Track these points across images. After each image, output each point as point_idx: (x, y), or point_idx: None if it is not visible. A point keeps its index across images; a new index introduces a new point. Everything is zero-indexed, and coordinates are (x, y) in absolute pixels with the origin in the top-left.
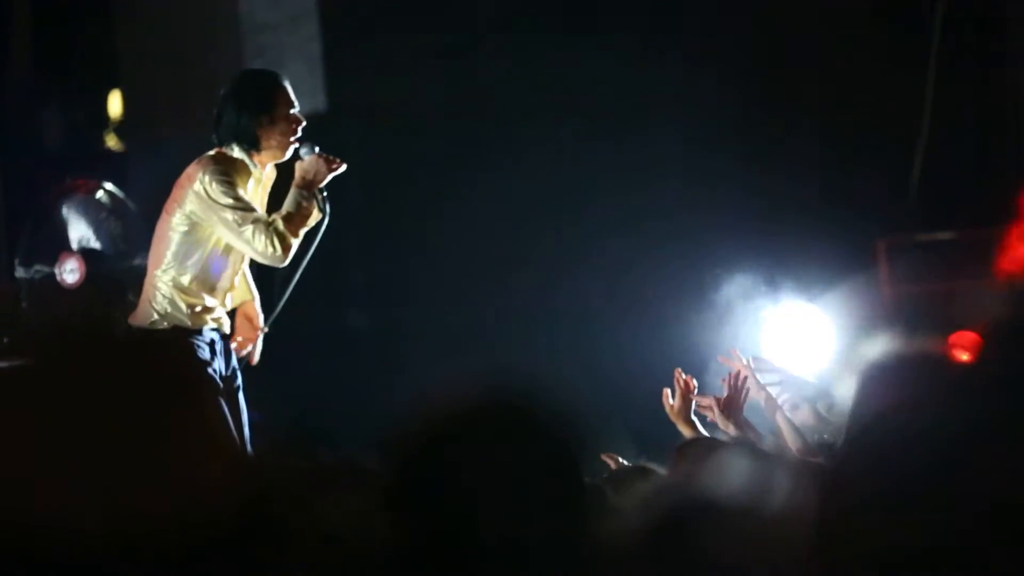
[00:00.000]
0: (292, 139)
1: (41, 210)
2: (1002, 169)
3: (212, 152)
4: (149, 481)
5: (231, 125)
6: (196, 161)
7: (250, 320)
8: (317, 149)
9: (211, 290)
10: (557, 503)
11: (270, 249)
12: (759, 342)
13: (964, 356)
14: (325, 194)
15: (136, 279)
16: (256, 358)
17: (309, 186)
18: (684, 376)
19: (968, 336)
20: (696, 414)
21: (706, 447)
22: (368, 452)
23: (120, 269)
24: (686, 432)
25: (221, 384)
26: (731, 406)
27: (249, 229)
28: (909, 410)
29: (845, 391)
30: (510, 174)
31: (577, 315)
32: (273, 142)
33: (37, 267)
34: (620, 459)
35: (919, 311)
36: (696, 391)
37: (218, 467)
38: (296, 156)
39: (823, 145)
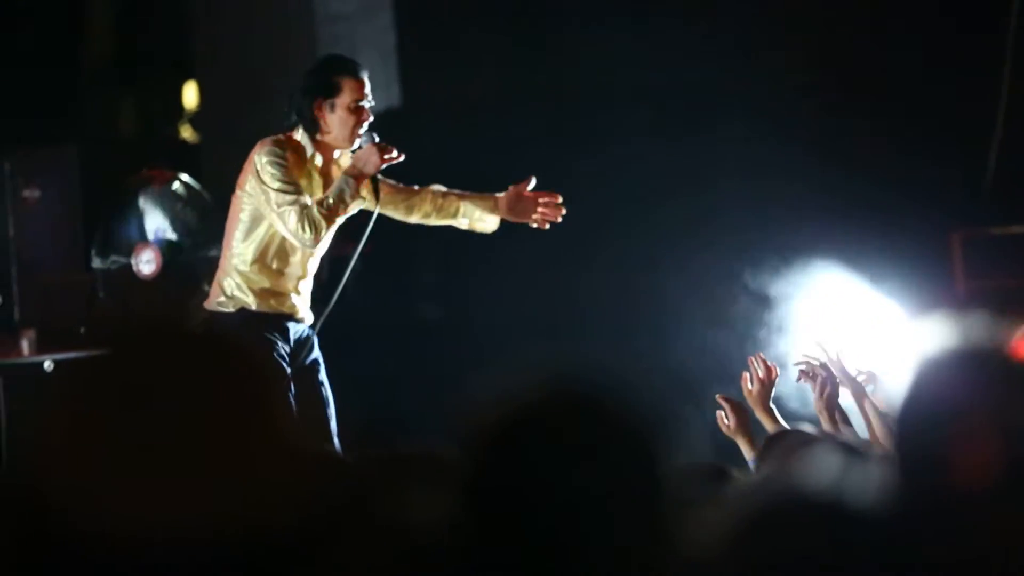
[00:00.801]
0: (354, 130)
1: (117, 201)
2: None
3: (278, 135)
4: (217, 472)
5: (295, 107)
6: (260, 142)
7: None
8: (376, 138)
9: (277, 275)
10: (635, 497)
11: (300, 231)
12: (832, 336)
13: None
14: (377, 188)
15: (211, 269)
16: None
17: (357, 175)
18: (764, 360)
19: None
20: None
21: (798, 441)
22: (444, 443)
23: (195, 260)
24: (764, 420)
25: (289, 370)
26: (828, 397)
27: (286, 209)
28: (967, 406)
29: (905, 383)
30: (582, 167)
31: (650, 308)
32: (334, 129)
33: (113, 258)
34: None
35: (993, 305)
36: (777, 377)
37: (283, 457)
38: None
39: (896, 135)
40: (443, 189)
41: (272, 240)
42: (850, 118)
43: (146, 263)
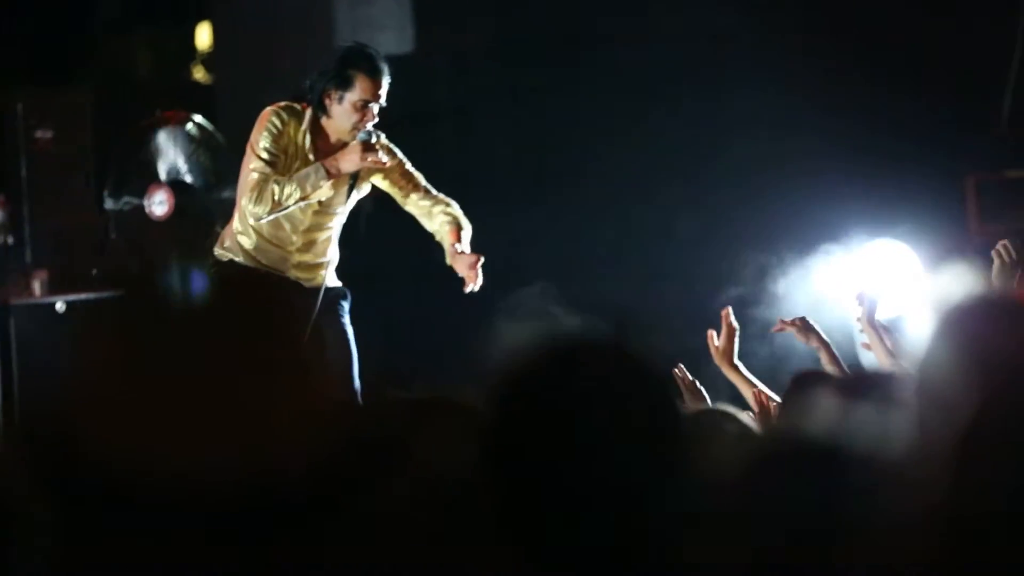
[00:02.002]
0: (354, 125)
1: (131, 142)
2: None
3: (295, 104)
4: (233, 416)
5: (311, 82)
6: (273, 104)
7: (459, 258)
8: (374, 139)
9: (267, 241)
10: (656, 438)
11: (250, 200)
12: (846, 282)
13: None
14: (354, 185)
15: (225, 212)
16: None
17: (331, 167)
18: (728, 316)
19: None
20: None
21: (823, 383)
22: (463, 388)
23: (209, 202)
24: (730, 376)
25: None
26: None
27: (251, 175)
28: (987, 353)
29: (923, 329)
30: (603, 120)
31: (670, 255)
32: (336, 119)
33: (126, 199)
34: (691, 379)
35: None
36: (738, 332)
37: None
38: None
39: (909, 81)
40: (452, 215)
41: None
42: (861, 65)
43: (159, 204)
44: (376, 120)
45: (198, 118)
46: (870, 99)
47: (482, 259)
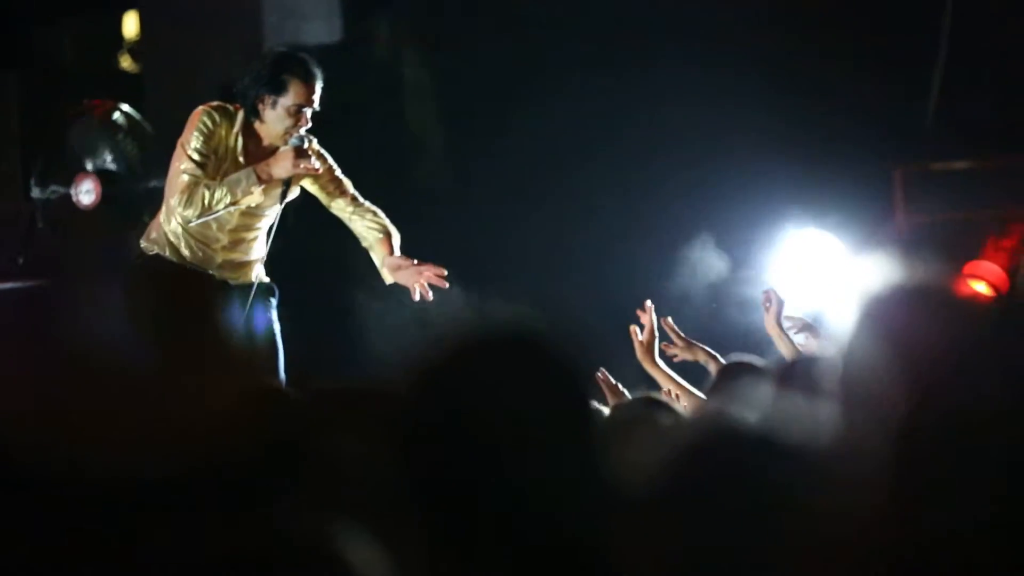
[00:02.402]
0: (289, 131)
1: (57, 130)
2: (1022, 96)
3: (228, 105)
4: (153, 406)
5: (242, 86)
6: (205, 105)
7: (399, 270)
8: (307, 143)
9: (195, 239)
10: (567, 431)
11: (178, 201)
12: (772, 271)
13: (978, 286)
14: (287, 191)
15: (151, 201)
16: (427, 294)
17: (262, 172)
18: (649, 312)
19: (983, 266)
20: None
21: (747, 374)
22: (383, 378)
23: (135, 190)
24: (652, 372)
25: (215, 316)
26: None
27: (180, 177)
28: (912, 344)
29: (848, 319)
30: (536, 109)
31: (587, 245)
32: (269, 124)
33: (53, 187)
34: (615, 382)
35: (935, 240)
36: (653, 324)
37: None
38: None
39: (838, 70)
40: (379, 224)
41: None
42: (790, 60)
43: (85, 193)
44: (309, 125)
45: (125, 107)
46: (799, 93)
47: (415, 262)
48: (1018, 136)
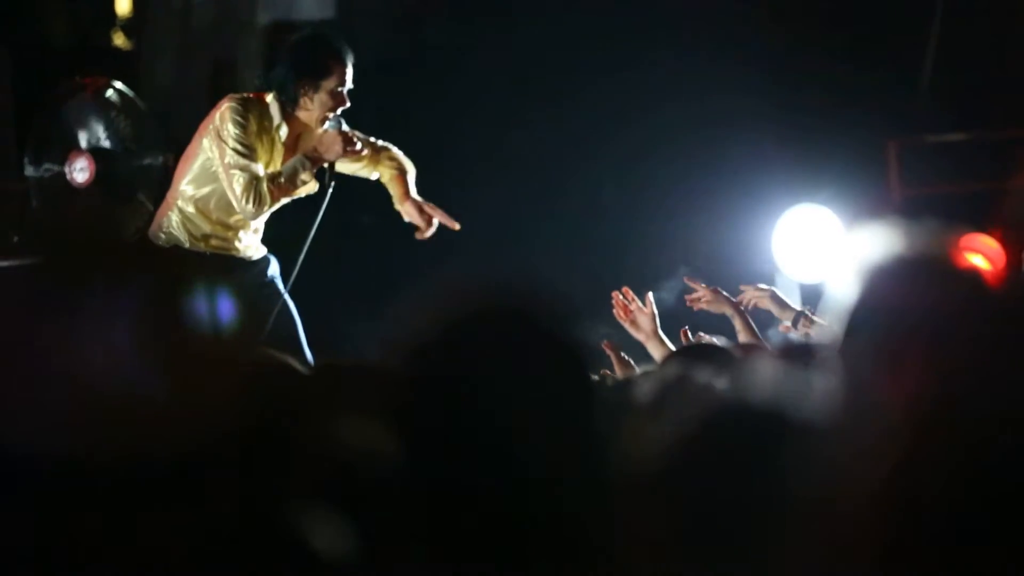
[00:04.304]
0: (328, 113)
1: (51, 108)
2: (1018, 67)
3: (248, 94)
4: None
5: (278, 76)
6: (228, 97)
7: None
8: (344, 126)
9: (217, 224)
10: (568, 407)
11: (244, 201)
12: (769, 246)
13: (974, 258)
14: (333, 170)
15: (146, 179)
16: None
17: (315, 159)
18: (625, 296)
19: (979, 240)
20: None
21: (716, 355)
22: (380, 355)
23: (130, 169)
24: (656, 349)
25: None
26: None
27: (236, 174)
28: (913, 315)
29: (846, 292)
30: (530, 86)
31: (584, 219)
32: (310, 109)
33: (47, 165)
34: (622, 354)
35: (930, 213)
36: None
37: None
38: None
39: (832, 42)
40: (395, 160)
41: (217, 194)
42: (784, 34)
43: (80, 171)
44: (348, 104)
45: (119, 84)
46: (793, 66)
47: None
48: (1013, 108)
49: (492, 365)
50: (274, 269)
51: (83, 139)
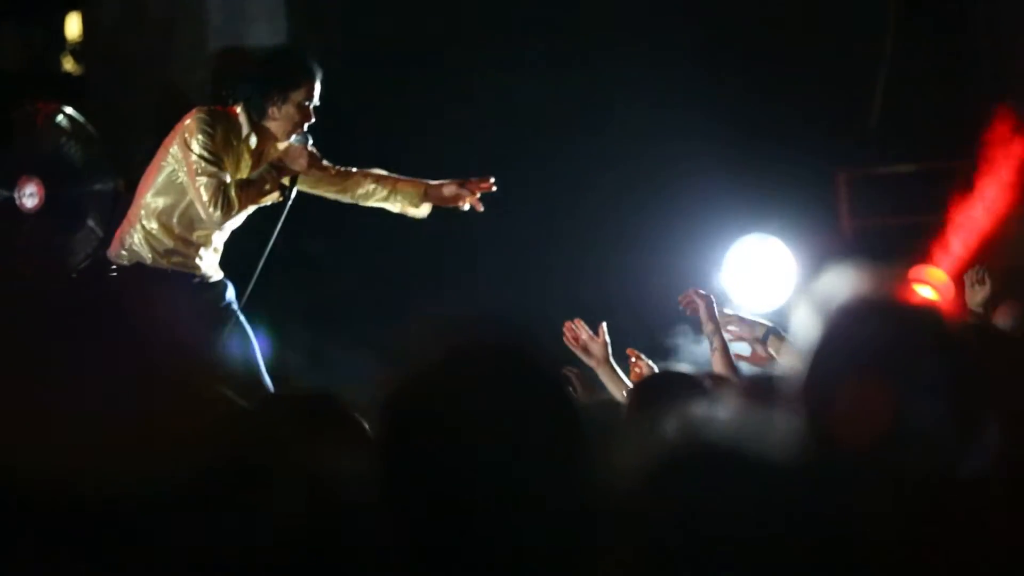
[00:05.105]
0: (295, 127)
1: (0, 133)
2: (966, 100)
3: (214, 106)
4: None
5: (247, 88)
6: (196, 108)
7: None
8: (311, 143)
9: (179, 240)
10: (549, 440)
11: (212, 206)
12: (718, 274)
13: (924, 290)
14: (295, 183)
15: (96, 205)
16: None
17: (281, 168)
18: (577, 326)
19: (927, 271)
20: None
21: (683, 385)
22: (359, 391)
23: (80, 194)
24: (608, 379)
25: (192, 321)
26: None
27: (204, 180)
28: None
29: (797, 326)
30: (485, 124)
31: (534, 250)
32: (277, 121)
33: None
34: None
35: (879, 245)
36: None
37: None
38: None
39: (783, 74)
40: (380, 173)
41: (180, 206)
42: (735, 65)
43: (29, 196)
44: (314, 120)
45: (69, 109)
46: (744, 98)
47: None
48: (961, 140)
49: (469, 399)
50: (231, 294)
51: (33, 164)
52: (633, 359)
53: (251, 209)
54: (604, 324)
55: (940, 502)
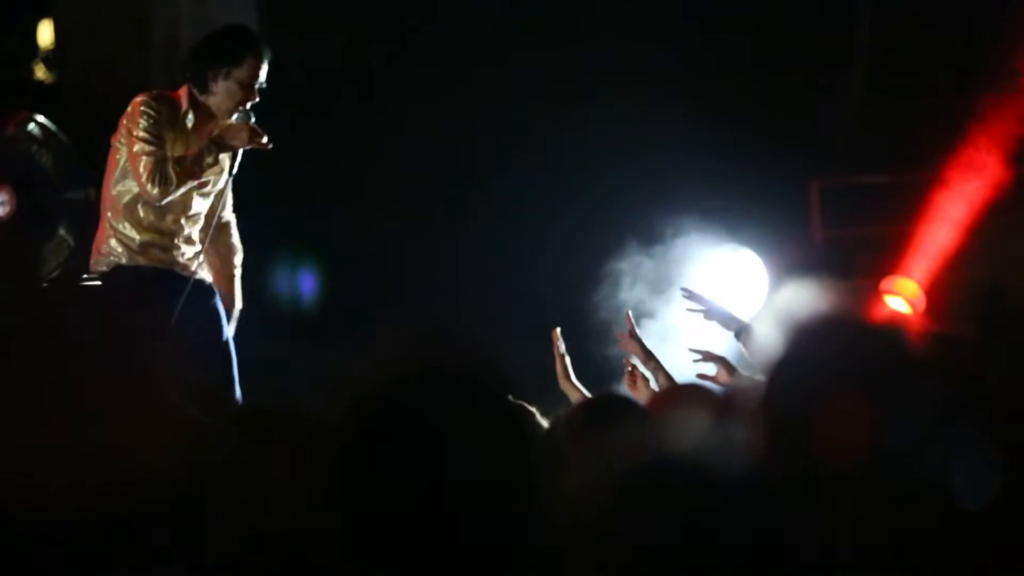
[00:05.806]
0: (237, 104)
1: None
2: (939, 110)
3: (157, 91)
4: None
5: (191, 61)
6: (140, 94)
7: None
8: (252, 119)
9: (149, 230)
10: (505, 464)
11: (149, 183)
12: (688, 282)
13: (894, 302)
14: (237, 159)
15: (68, 213)
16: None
17: (220, 145)
18: (557, 339)
19: (898, 282)
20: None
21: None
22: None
23: (52, 203)
24: (570, 394)
25: (166, 325)
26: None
27: (143, 159)
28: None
29: (766, 338)
30: (451, 127)
31: (515, 264)
32: (219, 96)
33: None
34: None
35: (852, 254)
36: (563, 348)
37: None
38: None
39: (756, 81)
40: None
41: (136, 192)
42: (708, 72)
43: (0, 205)
44: (258, 100)
45: (40, 117)
46: (717, 105)
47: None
48: (934, 150)
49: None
50: (216, 301)
51: (4, 173)
52: (629, 368)
53: (191, 184)
54: (558, 329)
55: (911, 519)
